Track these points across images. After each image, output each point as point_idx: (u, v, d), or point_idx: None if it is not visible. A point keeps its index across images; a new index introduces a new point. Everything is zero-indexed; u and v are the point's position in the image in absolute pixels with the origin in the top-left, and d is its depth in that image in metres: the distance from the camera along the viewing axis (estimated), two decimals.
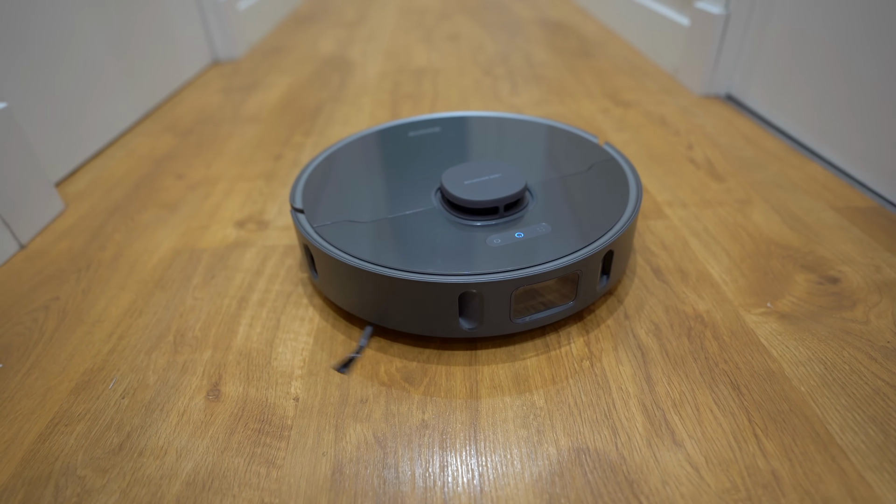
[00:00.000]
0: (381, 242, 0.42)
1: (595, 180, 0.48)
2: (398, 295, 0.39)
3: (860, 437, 0.33)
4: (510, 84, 0.99)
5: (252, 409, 0.38)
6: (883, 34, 0.57)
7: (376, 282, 0.39)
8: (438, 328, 0.40)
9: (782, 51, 0.74)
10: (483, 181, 0.46)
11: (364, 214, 0.46)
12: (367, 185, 0.50)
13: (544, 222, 0.43)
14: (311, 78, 1.08)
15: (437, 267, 0.39)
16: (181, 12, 1.07)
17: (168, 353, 0.42)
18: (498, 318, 0.39)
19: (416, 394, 0.38)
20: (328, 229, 0.44)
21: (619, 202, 0.45)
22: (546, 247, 0.40)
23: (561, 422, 0.36)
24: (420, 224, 0.44)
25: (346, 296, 0.42)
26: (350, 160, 0.55)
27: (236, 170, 0.72)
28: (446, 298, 0.38)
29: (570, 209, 0.44)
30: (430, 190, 0.49)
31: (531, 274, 0.37)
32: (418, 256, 0.40)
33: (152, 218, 0.61)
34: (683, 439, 0.34)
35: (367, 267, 0.39)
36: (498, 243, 0.41)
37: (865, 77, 0.60)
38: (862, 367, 0.38)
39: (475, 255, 0.40)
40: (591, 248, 0.40)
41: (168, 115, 0.92)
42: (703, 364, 0.39)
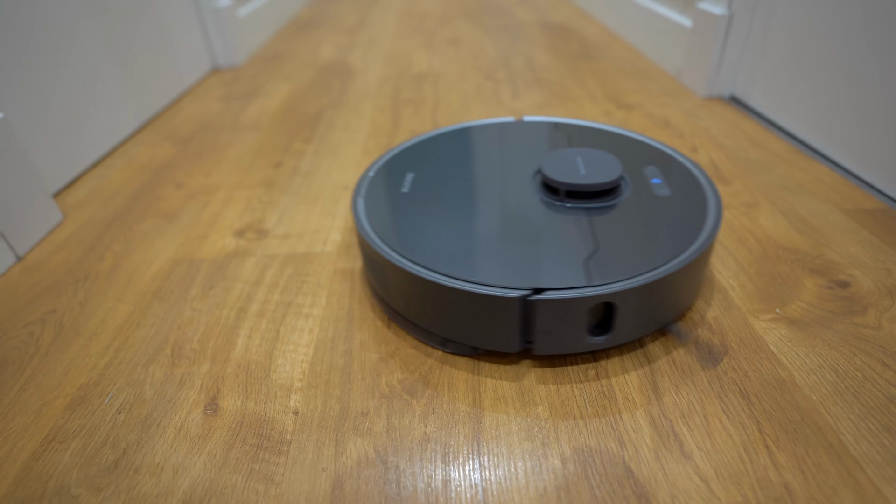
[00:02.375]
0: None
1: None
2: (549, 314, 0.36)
3: (875, 448, 0.32)
4: (512, 88, 0.98)
5: (250, 424, 0.37)
6: (887, 34, 0.56)
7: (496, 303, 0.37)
8: (559, 344, 0.38)
9: (786, 51, 0.73)
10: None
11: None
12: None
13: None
14: (311, 84, 1.07)
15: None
16: (180, 20, 1.07)
17: (165, 366, 0.42)
18: (629, 326, 0.38)
19: (419, 406, 0.37)
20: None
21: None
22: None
23: (566, 434, 0.35)
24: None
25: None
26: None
27: (236, 178, 0.71)
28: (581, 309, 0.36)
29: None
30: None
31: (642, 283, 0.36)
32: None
33: (151, 228, 0.61)
34: (692, 451, 0.33)
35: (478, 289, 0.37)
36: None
37: (871, 77, 0.59)
38: (875, 375, 0.37)
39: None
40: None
41: (168, 124, 0.91)
42: (711, 373, 0.38)
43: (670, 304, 0.39)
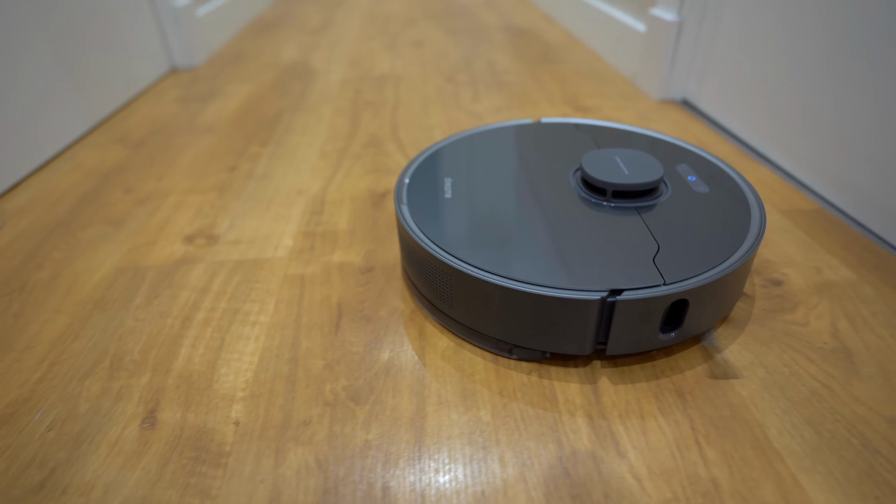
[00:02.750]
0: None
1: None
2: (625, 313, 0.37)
3: (796, 440, 0.34)
4: (472, 91, 0.99)
5: (189, 436, 0.36)
6: (824, 42, 0.59)
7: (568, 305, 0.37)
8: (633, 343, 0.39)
9: (733, 57, 0.76)
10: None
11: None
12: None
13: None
14: (271, 86, 1.06)
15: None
16: (134, 19, 1.05)
17: (103, 379, 0.41)
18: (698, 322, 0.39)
19: (362, 413, 0.37)
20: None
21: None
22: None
23: (507, 437, 0.35)
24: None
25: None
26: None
27: (188, 182, 0.70)
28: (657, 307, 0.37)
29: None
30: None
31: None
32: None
33: (96, 235, 0.59)
34: (627, 450, 0.34)
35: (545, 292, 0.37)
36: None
37: (810, 82, 0.61)
38: (800, 370, 0.39)
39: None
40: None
41: (120, 126, 0.89)
42: (649, 372, 0.39)
43: (730, 299, 0.41)
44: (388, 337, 0.43)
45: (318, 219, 0.60)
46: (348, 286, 0.49)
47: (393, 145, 0.77)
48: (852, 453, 0.33)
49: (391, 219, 0.59)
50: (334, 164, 0.72)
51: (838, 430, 0.34)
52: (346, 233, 0.57)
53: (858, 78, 0.54)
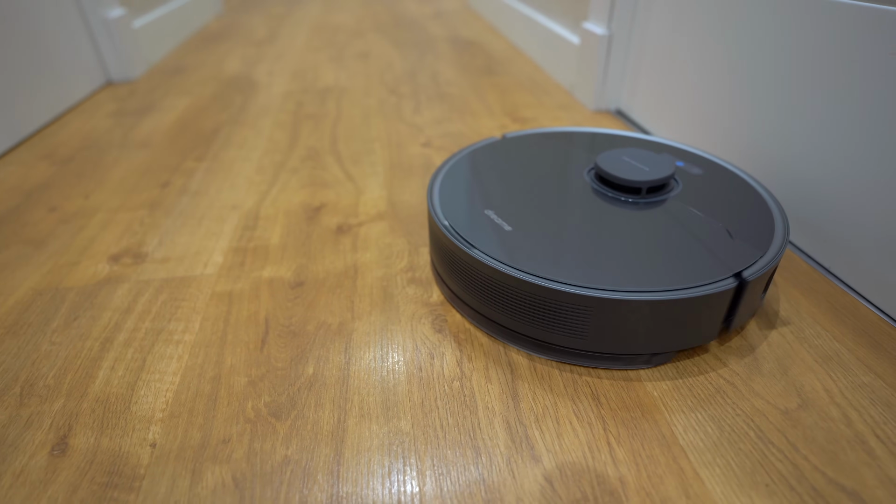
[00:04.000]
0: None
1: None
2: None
3: (699, 436, 0.36)
4: (414, 103, 1.00)
5: (102, 461, 0.35)
6: (742, 51, 0.62)
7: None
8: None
9: (659, 68, 0.79)
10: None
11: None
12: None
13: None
14: (211, 99, 1.04)
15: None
16: (64, 30, 1.01)
17: (11, 406, 0.39)
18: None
19: (282, 429, 0.37)
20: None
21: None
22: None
23: (426, 446, 0.36)
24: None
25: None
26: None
27: (118, 200, 0.68)
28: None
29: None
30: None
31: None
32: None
33: (13, 256, 0.57)
34: (542, 454, 0.35)
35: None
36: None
37: (729, 91, 0.65)
38: (708, 368, 0.41)
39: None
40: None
41: (47, 142, 0.86)
42: (567, 377, 0.41)
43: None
44: (314, 351, 0.43)
45: (251, 234, 0.59)
46: (277, 301, 0.49)
47: (331, 158, 0.77)
48: (749, 445, 0.35)
49: (324, 232, 0.59)
50: (271, 179, 0.72)
51: (738, 423, 0.36)
52: (278, 248, 0.57)
53: (775, 85, 0.58)
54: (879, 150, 0.45)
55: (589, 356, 0.41)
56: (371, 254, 0.55)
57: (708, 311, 0.38)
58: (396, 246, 0.57)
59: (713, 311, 0.39)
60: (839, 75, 0.49)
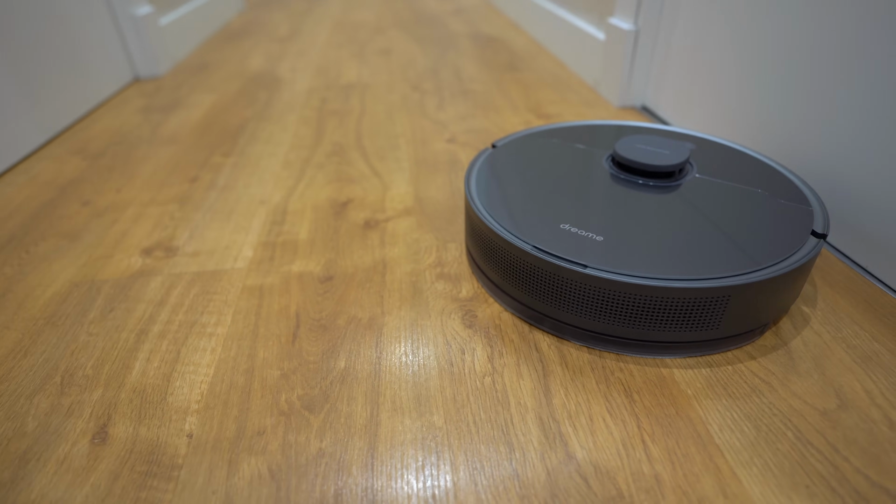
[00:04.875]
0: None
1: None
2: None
3: (736, 435, 0.35)
4: (438, 99, 1.00)
5: (141, 451, 0.36)
6: (772, 47, 0.61)
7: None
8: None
9: (686, 64, 0.78)
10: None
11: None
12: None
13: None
14: (236, 96, 1.06)
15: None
16: (94, 28, 1.03)
17: (53, 395, 0.40)
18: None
19: (316, 422, 0.38)
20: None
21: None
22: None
23: (459, 441, 0.36)
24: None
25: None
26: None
27: (148, 194, 0.69)
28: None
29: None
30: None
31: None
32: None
33: (50, 248, 0.58)
34: (576, 450, 0.35)
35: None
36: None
37: (758, 87, 0.64)
38: (743, 367, 0.40)
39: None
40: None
41: (79, 137, 0.88)
42: (599, 373, 0.40)
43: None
44: (345, 345, 0.44)
45: (279, 229, 0.60)
46: (307, 295, 0.49)
47: (356, 153, 0.78)
48: (787, 445, 0.34)
49: (352, 227, 0.60)
50: (297, 174, 0.72)
51: (775, 423, 0.36)
52: (307, 242, 0.57)
53: (804, 80, 0.57)
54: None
55: (713, 343, 0.41)
56: (399, 249, 0.56)
57: (802, 275, 0.41)
58: (424, 241, 0.57)
59: (806, 273, 0.41)
60: (879, 68, 0.47)
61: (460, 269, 0.52)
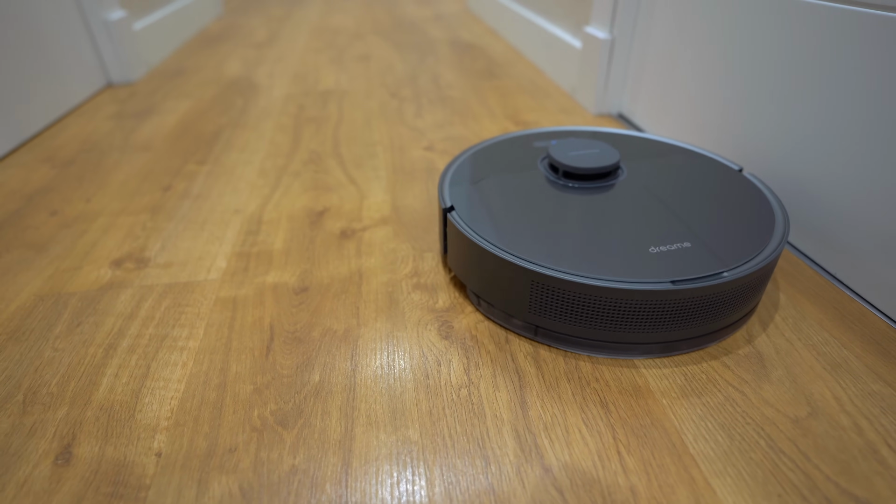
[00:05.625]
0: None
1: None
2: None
3: (710, 445, 0.35)
4: (416, 106, 1.00)
5: (106, 471, 0.35)
6: (745, 56, 0.62)
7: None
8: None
9: (661, 72, 0.79)
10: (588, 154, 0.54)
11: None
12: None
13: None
14: (212, 102, 1.04)
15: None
16: (64, 32, 1.01)
17: (14, 414, 0.39)
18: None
19: (289, 437, 0.37)
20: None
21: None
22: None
23: (434, 455, 0.35)
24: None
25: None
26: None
27: (119, 203, 0.68)
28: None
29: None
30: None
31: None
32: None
33: (14, 260, 0.56)
34: (552, 463, 0.35)
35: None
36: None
37: (731, 96, 0.65)
38: (717, 376, 0.41)
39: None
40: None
41: (48, 144, 0.85)
42: (575, 384, 0.40)
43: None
44: (320, 358, 0.43)
45: (254, 239, 0.59)
46: (281, 307, 0.49)
47: (333, 161, 0.77)
48: (760, 454, 0.35)
49: (328, 237, 0.59)
50: (273, 182, 0.71)
51: (748, 432, 0.36)
52: (282, 252, 0.56)
53: (777, 89, 0.58)
54: (881, 153, 0.45)
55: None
56: (375, 259, 0.55)
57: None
58: (401, 251, 0.56)
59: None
60: (841, 78, 0.49)
61: (437, 280, 0.52)
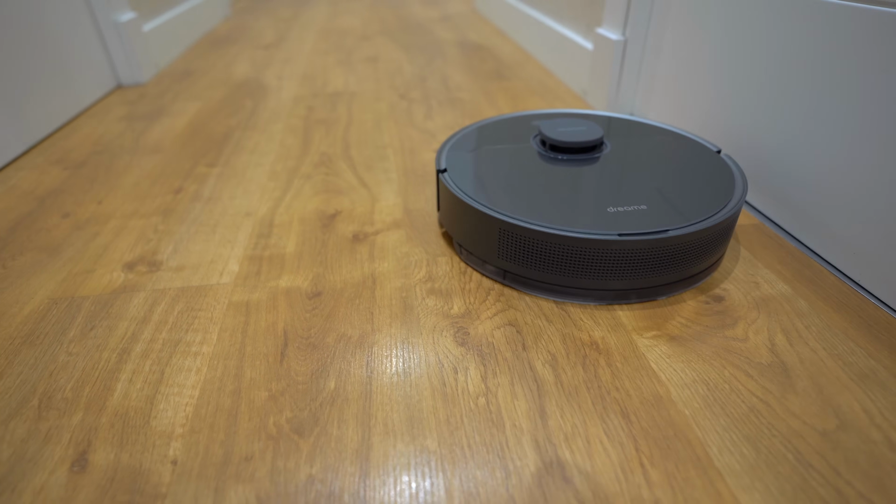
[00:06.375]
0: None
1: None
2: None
3: (735, 457, 0.35)
4: (425, 108, 0.99)
5: (122, 479, 0.34)
6: (760, 57, 0.61)
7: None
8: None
9: (674, 74, 0.78)
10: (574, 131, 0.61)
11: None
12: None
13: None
14: (221, 103, 1.04)
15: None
16: (75, 34, 1.01)
17: (30, 420, 0.38)
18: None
19: (306, 446, 0.36)
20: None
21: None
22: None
23: (453, 466, 0.35)
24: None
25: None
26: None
27: (131, 206, 0.67)
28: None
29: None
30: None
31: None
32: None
33: (28, 263, 0.56)
34: (573, 475, 0.34)
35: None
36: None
37: (747, 98, 0.64)
38: (740, 386, 0.40)
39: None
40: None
41: (59, 146, 0.85)
42: (595, 393, 0.40)
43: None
44: (335, 364, 0.43)
45: (266, 242, 0.59)
46: (295, 312, 0.48)
47: (344, 164, 0.77)
48: (788, 468, 0.34)
49: (340, 241, 0.59)
50: (284, 185, 0.71)
51: (775, 445, 0.35)
52: (294, 256, 0.56)
53: (794, 93, 0.57)
54: (888, 151, 0.44)
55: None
56: (388, 263, 0.55)
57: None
58: (414, 255, 0.56)
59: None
60: (873, 88, 0.48)
61: (451, 284, 0.51)
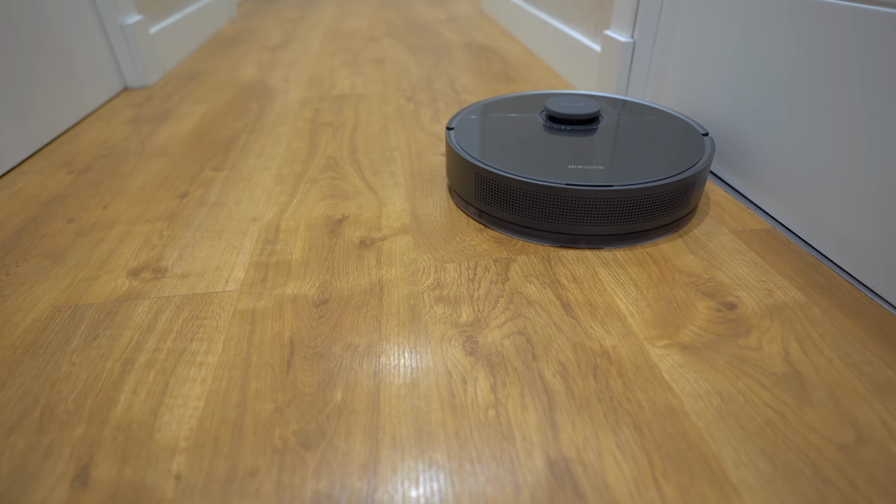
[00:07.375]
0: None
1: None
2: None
3: (751, 472, 0.34)
4: (432, 110, 0.98)
5: (125, 495, 0.34)
6: (772, 59, 0.60)
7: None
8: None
9: (684, 77, 0.77)
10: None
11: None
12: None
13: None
14: (228, 106, 1.04)
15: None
16: (81, 36, 1.01)
17: (31, 433, 0.38)
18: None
19: (312, 460, 0.36)
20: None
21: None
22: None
23: (462, 482, 0.34)
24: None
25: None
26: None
27: (136, 211, 0.67)
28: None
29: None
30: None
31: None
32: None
33: (32, 270, 0.56)
34: (585, 490, 0.33)
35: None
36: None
37: (756, 102, 0.63)
38: (754, 397, 0.39)
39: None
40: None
41: (64, 150, 0.85)
42: (607, 405, 0.39)
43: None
44: (342, 375, 0.42)
45: (272, 248, 0.58)
46: (301, 321, 0.48)
47: (351, 168, 0.76)
48: (805, 484, 0.33)
49: (347, 247, 0.58)
50: (290, 190, 0.71)
51: (791, 459, 0.34)
52: (300, 263, 0.55)
53: (808, 97, 0.56)
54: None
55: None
56: (396, 270, 0.54)
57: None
58: (422, 262, 0.55)
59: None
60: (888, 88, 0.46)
61: (459, 292, 0.51)
